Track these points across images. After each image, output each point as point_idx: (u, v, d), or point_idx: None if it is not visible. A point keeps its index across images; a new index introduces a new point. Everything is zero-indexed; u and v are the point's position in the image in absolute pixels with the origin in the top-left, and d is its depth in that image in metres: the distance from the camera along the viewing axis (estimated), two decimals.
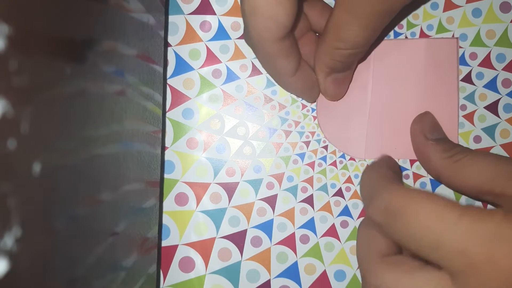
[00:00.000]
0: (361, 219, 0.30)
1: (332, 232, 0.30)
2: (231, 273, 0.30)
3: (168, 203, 0.30)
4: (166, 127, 0.30)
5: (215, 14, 0.30)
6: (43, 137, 0.14)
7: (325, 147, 0.30)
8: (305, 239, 0.30)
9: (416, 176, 0.29)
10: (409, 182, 0.30)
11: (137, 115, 0.24)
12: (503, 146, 0.30)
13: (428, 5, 0.30)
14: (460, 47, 0.30)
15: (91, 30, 0.18)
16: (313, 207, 0.30)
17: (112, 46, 0.20)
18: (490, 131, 0.30)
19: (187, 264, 0.30)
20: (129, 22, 0.22)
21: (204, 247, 0.30)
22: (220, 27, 0.30)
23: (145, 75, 0.25)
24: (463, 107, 0.30)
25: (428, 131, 0.26)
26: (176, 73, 0.30)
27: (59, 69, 0.15)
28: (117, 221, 0.21)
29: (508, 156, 0.29)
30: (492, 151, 0.30)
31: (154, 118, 0.27)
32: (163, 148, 0.30)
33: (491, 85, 0.30)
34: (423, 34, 0.30)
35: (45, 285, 0.14)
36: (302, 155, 0.30)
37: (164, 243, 0.30)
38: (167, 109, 0.30)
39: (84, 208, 0.17)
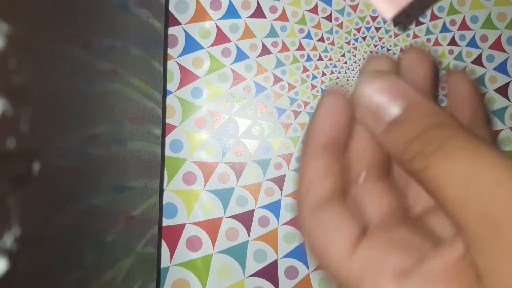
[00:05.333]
0: None
1: None
2: (238, 252, 0.30)
3: (176, 182, 0.30)
4: (175, 105, 0.30)
5: None
6: (43, 136, 0.14)
7: None
8: None
9: None
10: None
11: (137, 114, 0.23)
12: None
13: None
14: (471, 29, 0.30)
15: (91, 28, 0.18)
16: None
17: (112, 45, 0.20)
18: (499, 114, 0.30)
19: (194, 243, 0.30)
20: (129, 20, 0.22)
21: (211, 227, 0.30)
22: (230, 5, 0.30)
23: (145, 74, 0.25)
24: None
25: (380, 104, 0.16)
26: (185, 51, 0.30)
27: (59, 68, 0.15)
28: (117, 219, 0.21)
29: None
30: (501, 134, 0.30)
31: (154, 117, 0.26)
32: (163, 147, 0.30)
33: (501, 68, 0.30)
34: (433, 16, 0.30)
35: (44, 284, 0.14)
36: None
37: (171, 222, 0.30)
38: (175, 88, 0.30)
39: (83, 207, 0.17)
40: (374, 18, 0.29)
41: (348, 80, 0.30)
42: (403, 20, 0.30)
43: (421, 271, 0.14)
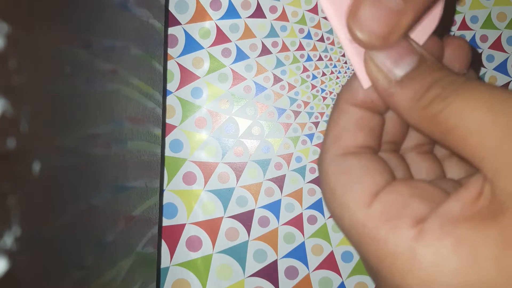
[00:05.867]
0: None
1: None
2: (238, 252, 0.30)
3: (176, 182, 0.30)
4: (175, 105, 0.30)
5: None
6: (43, 136, 0.14)
7: None
8: (312, 220, 0.30)
9: None
10: None
11: (137, 114, 0.23)
12: None
13: None
14: (471, 29, 0.30)
15: (91, 28, 0.18)
16: None
17: (112, 45, 0.20)
18: None
19: (194, 243, 0.30)
20: (129, 20, 0.22)
21: (211, 227, 0.30)
22: (230, 5, 0.30)
23: (145, 74, 0.25)
24: None
25: (392, 63, 0.16)
26: (185, 51, 0.30)
27: (59, 68, 0.15)
28: (117, 219, 0.21)
29: None
30: None
31: (154, 117, 0.26)
32: (163, 147, 0.30)
33: (502, 68, 0.30)
34: None
35: (44, 284, 0.14)
36: (311, 136, 0.30)
37: (172, 222, 0.30)
38: (175, 88, 0.30)
39: (83, 207, 0.17)
40: None
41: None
42: None
43: (439, 214, 0.14)
